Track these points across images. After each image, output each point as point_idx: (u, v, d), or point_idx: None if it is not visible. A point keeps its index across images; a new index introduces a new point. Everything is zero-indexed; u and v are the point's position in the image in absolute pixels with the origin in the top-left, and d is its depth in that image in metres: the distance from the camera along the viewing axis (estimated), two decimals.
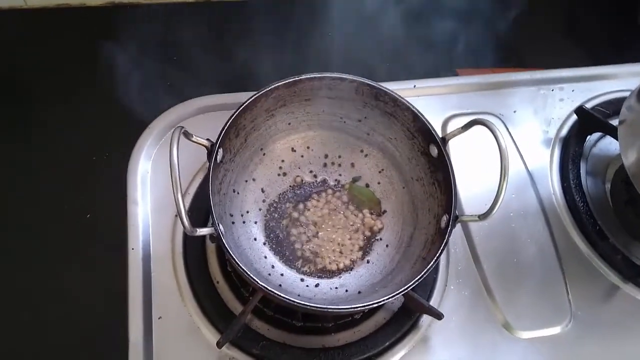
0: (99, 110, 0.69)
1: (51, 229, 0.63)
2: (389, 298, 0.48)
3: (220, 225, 0.49)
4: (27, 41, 0.74)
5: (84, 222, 0.63)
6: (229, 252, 0.47)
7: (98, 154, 0.66)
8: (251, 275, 0.47)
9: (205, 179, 0.62)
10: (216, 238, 0.47)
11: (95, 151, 0.66)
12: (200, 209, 0.61)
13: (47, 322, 0.57)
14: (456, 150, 0.68)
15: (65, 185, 0.65)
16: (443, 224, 0.52)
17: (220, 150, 0.52)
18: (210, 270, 0.59)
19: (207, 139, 0.52)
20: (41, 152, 0.66)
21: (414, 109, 0.55)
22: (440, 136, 0.54)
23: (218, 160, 0.52)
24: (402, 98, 0.56)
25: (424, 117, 0.55)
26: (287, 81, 0.55)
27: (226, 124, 0.52)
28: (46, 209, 0.64)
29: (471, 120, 0.51)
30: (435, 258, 0.49)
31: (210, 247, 0.60)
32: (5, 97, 0.70)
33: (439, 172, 0.55)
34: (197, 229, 0.45)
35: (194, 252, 0.60)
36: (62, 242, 0.62)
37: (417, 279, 0.48)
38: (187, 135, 0.48)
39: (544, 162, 0.70)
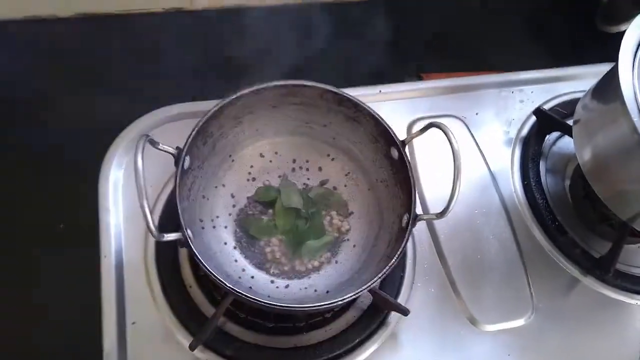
0: (69, 118, 0.69)
1: (23, 239, 0.63)
2: (353, 295, 0.50)
3: (189, 230, 0.50)
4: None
5: (57, 232, 0.64)
6: (197, 257, 0.48)
7: (70, 163, 0.67)
8: (220, 278, 0.48)
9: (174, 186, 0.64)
10: (184, 243, 0.49)
11: (67, 161, 0.67)
12: (172, 216, 0.61)
13: (20, 332, 0.58)
14: (421, 152, 0.71)
15: (37, 195, 0.65)
16: (404, 224, 0.54)
17: (187, 158, 0.53)
18: (183, 275, 0.60)
19: (177, 147, 0.53)
20: (12, 161, 0.67)
21: (374, 114, 0.57)
22: (401, 139, 0.56)
23: (185, 167, 0.53)
24: (363, 104, 0.58)
25: (384, 122, 0.57)
26: (252, 89, 0.57)
27: (192, 132, 0.53)
28: (18, 220, 0.64)
29: (428, 124, 0.53)
30: (396, 255, 0.51)
31: (183, 253, 0.62)
32: None
33: (401, 173, 0.57)
34: (165, 235, 0.46)
35: (166, 258, 0.61)
36: (35, 253, 0.62)
37: (379, 275, 0.50)
38: (154, 143, 0.49)
39: (506, 162, 0.73)
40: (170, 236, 0.47)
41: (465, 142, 0.73)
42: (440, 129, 0.50)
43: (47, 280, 0.61)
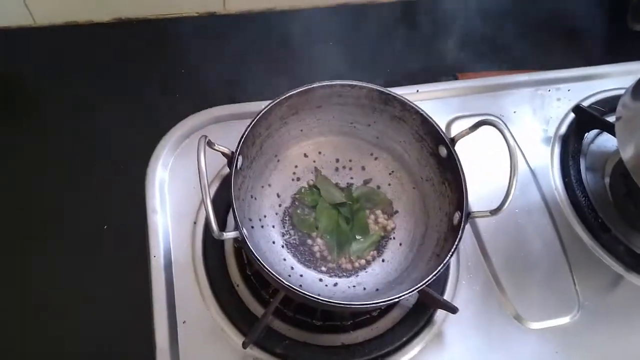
0: (112, 121, 0.70)
1: (69, 240, 0.64)
2: (407, 293, 0.50)
3: (244, 229, 0.50)
4: (37, 57, 0.76)
5: (102, 233, 0.65)
6: (254, 254, 0.49)
7: (113, 165, 0.68)
8: (276, 275, 0.49)
9: (223, 187, 0.64)
10: (241, 241, 0.49)
11: (110, 162, 0.68)
12: (217, 215, 0.62)
13: (72, 332, 0.59)
14: (460, 150, 0.71)
15: (80, 197, 0.66)
16: (455, 221, 0.55)
17: (240, 158, 0.54)
18: (230, 275, 0.61)
19: (227, 147, 0.54)
20: (56, 165, 0.68)
21: (422, 113, 0.58)
22: (449, 137, 0.57)
23: (238, 167, 0.54)
24: (410, 102, 0.58)
25: (433, 120, 0.57)
26: (300, 90, 0.57)
27: (245, 132, 0.54)
28: (63, 220, 0.65)
29: (479, 121, 0.54)
30: (450, 253, 0.51)
31: (229, 252, 0.62)
32: (19, 112, 0.71)
33: (449, 171, 0.57)
34: (224, 233, 0.47)
35: (213, 257, 0.61)
36: (81, 254, 0.63)
37: (434, 273, 0.50)
38: (210, 144, 0.50)
39: (545, 160, 0.73)
40: (230, 234, 0.48)
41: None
42: (494, 126, 0.51)
43: (96, 280, 0.62)
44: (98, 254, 0.63)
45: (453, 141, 0.56)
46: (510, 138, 0.50)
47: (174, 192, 0.65)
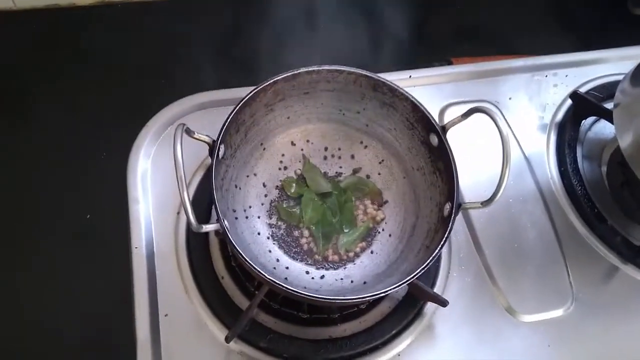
0: (94, 109, 0.68)
1: (51, 230, 0.62)
2: (395, 287, 0.48)
3: (225, 221, 0.49)
4: (18, 42, 0.73)
5: (84, 223, 0.63)
6: (236, 248, 0.47)
7: (95, 154, 0.66)
8: (258, 269, 0.47)
9: (207, 176, 0.62)
10: (222, 233, 0.48)
11: (92, 151, 0.66)
12: (201, 206, 0.61)
13: (54, 324, 0.57)
14: (452, 138, 0.69)
15: (63, 187, 0.64)
16: (446, 212, 0.53)
17: (222, 147, 0.52)
18: (214, 266, 0.59)
19: (207, 136, 0.52)
20: (38, 154, 0.66)
21: (413, 99, 0.56)
22: (440, 125, 0.55)
23: (220, 157, 0.52)
24: (400, 88, 0.56)
25: (424, 107, 0.55)
26: (285, 75, 0.55)
27: (227, 119, 0.52)
28: (45, 211, 0.63)
29: (471, 109, 0.51)
30: (440, 245, 0.50)
31: (214, 243, 0.60)
32: (1, 98, 0.69)
33: (440, 160, 0.55)
34: (203, 226, 0.45)
35: (197, 248, 0.60)
36: (63, 244, 0.61)
37: (423, 266, 0.48)
38: (189, 132, 0.48)
39: (541, 148, 0.71)
40: (209, 227, 0.46)
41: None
42: (487, 113, 0.49)
43: (77, 272, 0.60)
44: (80, 245, 0.62)
45: (444, 129, 0.54)
46: (503, 126, 0.48)
47: (156, 182, 0.63)
